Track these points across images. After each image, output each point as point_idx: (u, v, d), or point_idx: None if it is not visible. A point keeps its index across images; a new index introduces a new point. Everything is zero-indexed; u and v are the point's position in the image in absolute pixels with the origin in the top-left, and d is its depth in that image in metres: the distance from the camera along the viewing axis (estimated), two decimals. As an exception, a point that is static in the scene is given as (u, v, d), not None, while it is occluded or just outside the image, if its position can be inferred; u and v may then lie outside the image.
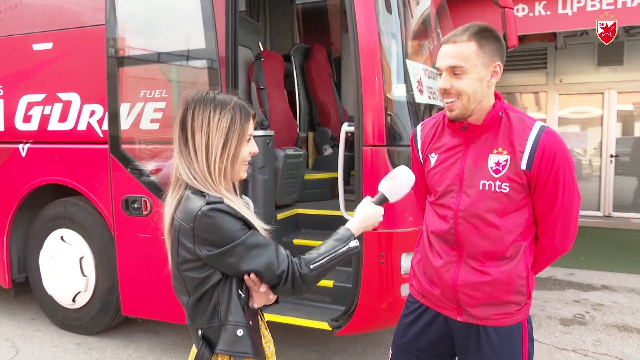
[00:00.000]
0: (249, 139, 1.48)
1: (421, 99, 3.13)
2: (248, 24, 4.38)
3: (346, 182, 3.28)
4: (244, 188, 3.36)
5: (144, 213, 3.35)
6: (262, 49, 4.51)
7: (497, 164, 1.64)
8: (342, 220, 3.00)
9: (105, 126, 3.50)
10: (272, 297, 1.49)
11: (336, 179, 3.25)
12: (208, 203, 1.36)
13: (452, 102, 1.64)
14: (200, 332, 1.44)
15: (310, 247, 3.92)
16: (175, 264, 1.43)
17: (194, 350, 1.50)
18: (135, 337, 3.96)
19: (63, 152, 3.76)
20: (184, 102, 1.45)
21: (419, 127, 1.92)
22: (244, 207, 1.43)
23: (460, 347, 1.79)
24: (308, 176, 4.25)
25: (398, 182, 1.61)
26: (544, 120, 8.56)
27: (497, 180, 1.63)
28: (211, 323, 1.42)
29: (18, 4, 3.87)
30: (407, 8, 3.33)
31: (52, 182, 3.82)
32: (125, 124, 3.39)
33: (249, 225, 1.41)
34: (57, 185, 3.83)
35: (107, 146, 3.48)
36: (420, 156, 1.88)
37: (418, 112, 3.16)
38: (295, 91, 4.78)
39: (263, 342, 1.54)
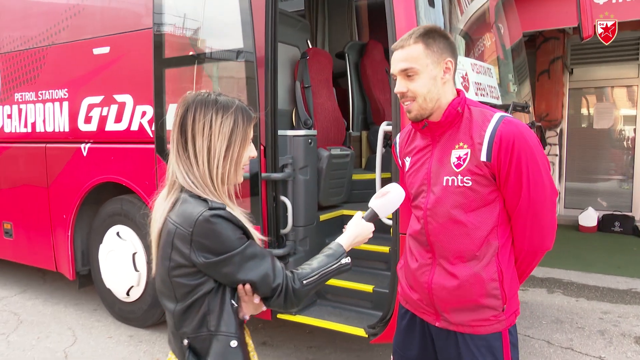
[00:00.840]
0: (250, 142, 1.44)
1: (467, 96, 2.92)
2: (295, 22, 4.33)
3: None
4: (283, 188, 3.32)
5: (186, 212, 3.40)
6: (310, 46, 4.45)
7: (459, 158, 1.64)
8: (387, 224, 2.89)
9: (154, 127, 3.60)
10: (264, 308, 1.44)
11: (388, 179, 3.13)
12: (210, 208, 1.32)
13: (409, 103, 1.67)
14: (186, 341, 1.38)
15: (353, 250, 3.75)
16: (165, 269, 1.37)
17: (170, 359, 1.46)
18: (184, 332, 4.05)
19: (118, 151, 3.92)
20: (184, 103, 1.40)
21: (398, 134, 1.94)
22: (242, 215, 1.40)
23: (441, 355, 1.75)
24: (357, 176, 4.14)
25: (389, 199, 1.63)
26: (634, 118, 7.83)
27: (459, 175, 1.62)
28: (199, 332, 1.36)
29: (81, 11, 4.08)
30: (455, 1, 3.14)
31: (109, 181, 4.00)
32: (170, 124, 3.46)
33: (247, 235, 1.37)
34: (116, 183, 4.00)
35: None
36: (400, 162, 1.89)
37: (463, 110, 2.95)
38: (349, 89, 4.67)
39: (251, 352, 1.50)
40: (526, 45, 7.14)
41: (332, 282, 3.43)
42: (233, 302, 1.38)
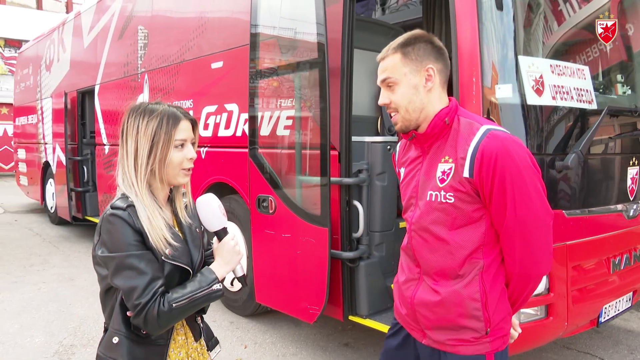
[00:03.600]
0: (182, 143, 1.53)
1: (539, 100, 2.71)
2: (387, 30, 4.34)
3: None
4: (358, 193, 3.40)
5: (270, 211, 3.67)
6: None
7: (443, 172, 1.58)
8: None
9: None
10: None
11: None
12: (112, 207, 1.45)
13: (394, 115, 1.65)
14: (104, 325, 1.55)
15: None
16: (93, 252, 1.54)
17: None
18: (277, 325, 4.34)
19: (226, 155, 4.37)
20: (125, 113, 1.57)
21: (399, 143, 1.88)
22: (160, 221, 1.48)
23: None
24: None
25: (202, 215, 1.60)
26: None
27: (442, 190, 1.57)
28: (109, 321, 1.51)
29: (203, 31, 4.64)
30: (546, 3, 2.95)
31: (220, 181, 4.46)
32: (261, 130, 3.77)
33: (146, 243, 1.45)
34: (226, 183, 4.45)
35: (251, 150, 3.92)
36: (397, 171, 1.85)
37: (536, 115, 2.74)
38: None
39: (172, 351, 1.56)
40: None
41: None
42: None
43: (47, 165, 8.93)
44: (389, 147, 3.50)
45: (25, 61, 10.24)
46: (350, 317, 3.44)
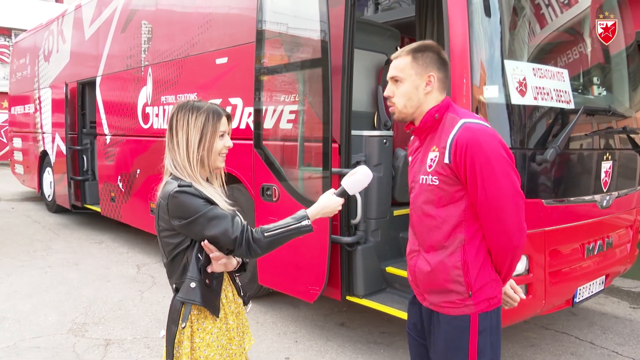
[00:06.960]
0: (222, 134, 1.85)
1: (522, 100, 3.00)
2: (384, 30, 4.62)
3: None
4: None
5: (274, 199, 3.95)
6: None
7: (432, 160, 1.86)
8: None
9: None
10: (230, 266, 1.84)
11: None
12: (179, 186, 1.74)
13: (392, 106, 1.94)
14: (174, 285, 1.85)
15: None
16: (157, 232, 1.85)
17: None
18: (277, 306, 4.62)
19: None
20: (172, 109, 1.87)
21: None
22: (212, 191, 1.81)
23: (427, 329, 1.99)
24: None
25: (357, 178, 1.90)
26: None
27: (430, 175, 1.86)
28: (182, 279, 1.80)
29: (209, 27, 4.87)
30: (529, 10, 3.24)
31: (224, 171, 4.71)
32: (266, 124, 4.03)
33: (211, 203, 1.76)
34: (229, 173, 4.70)
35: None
36: (409, 159, 2.11)
37: (520, 114, 3.03)
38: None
39: (224, 300, 1.88)
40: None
41: (400, 272, 3.71)
42: (199, 256, 1.77)
43: (44, 154, 9.08)
44: (384, 140, 3.78)
45: (21, 51, 10.35)
46: (348, 297, 3.73)
